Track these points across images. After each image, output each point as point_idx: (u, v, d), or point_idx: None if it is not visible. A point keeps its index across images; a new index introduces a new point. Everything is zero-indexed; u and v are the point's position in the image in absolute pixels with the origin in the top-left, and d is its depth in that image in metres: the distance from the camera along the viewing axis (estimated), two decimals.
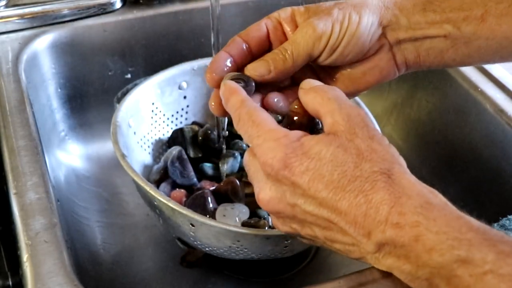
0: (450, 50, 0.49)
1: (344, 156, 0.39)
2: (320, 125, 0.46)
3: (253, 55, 0.50)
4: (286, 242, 0.54)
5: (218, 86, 0.49)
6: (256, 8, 0.85)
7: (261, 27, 0.50)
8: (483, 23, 0.47)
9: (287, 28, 0.49)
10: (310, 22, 0.47)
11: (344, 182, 0.38)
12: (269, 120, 0.43)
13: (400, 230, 0.37)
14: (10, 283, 0.51)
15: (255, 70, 0.48)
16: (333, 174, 0.39)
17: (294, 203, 0.41)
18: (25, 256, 0.47)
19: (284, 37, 0.49)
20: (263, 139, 0.41)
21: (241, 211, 0.60)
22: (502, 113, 0.67)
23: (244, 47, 0.49)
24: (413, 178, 0.40)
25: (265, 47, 0.50)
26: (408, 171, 0.40)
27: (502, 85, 0.70)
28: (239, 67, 0.49)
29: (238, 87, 0.46)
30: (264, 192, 0.42)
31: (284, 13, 0.49)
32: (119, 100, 0.65)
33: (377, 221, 0.37)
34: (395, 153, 0.41)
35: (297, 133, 0.41)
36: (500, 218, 0.57)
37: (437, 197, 0.38)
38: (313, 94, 0.44)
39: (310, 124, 0.47)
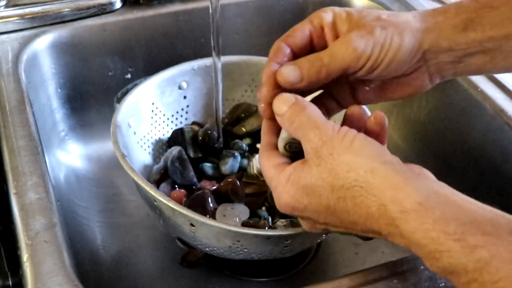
0: (488, 65, 0.49)
1: (320, 183, 0.41)
2: None
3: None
4: (286, 242, 0.54)
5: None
6: (256, 8, 0.85)
7: (304, 32, 0.49)
8: None
9: (328, 34, 0.48)
10: (351, 40, 0.46)
11: (333, 207, 0.41)
12: (269, 165, 0.46)
13: (395, 238, 0.39)
14: (10, 283, 0.51)
15: (287, 76, 0.47)
16: (322, 203, 0.42)
17: (321, 227, 0.45)
18: (25, 256, 0.47)
19: (325, 42, 0.49)
20: (275, 185, 0.45)
21: (241, 211, 0.60)
22: (502, 113, 0.67)
23: (290, 54, 0.49)
24: (383, 176, 0.39)
25: (307, 52, 0.49)
26: (380, 167, 0.40)
27: (502, 85, 0.70)
28: None
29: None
30: (302, 224, 0.47)
31: (326, 18, 0.48)
32: (119, 100, 0.65)
33: (377, 231, 0.40)
34: (361, 152, 0.41)
35: (286, 172, 0.44)
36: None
37: (410, 197, 0.38)
38: (287, 126, 0.45)
39: None
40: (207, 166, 0.67)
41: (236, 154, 0.67)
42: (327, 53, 0.47)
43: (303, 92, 0.48)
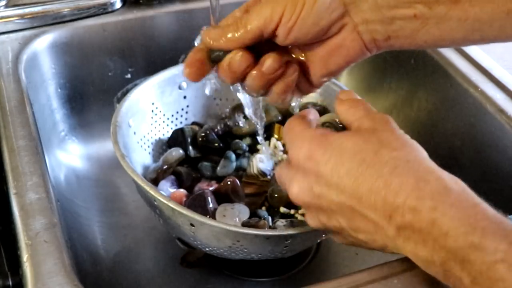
0: (421, 31, 0.47)
1: (364, 145, 0.41)
2: None
3: None
4: (286, 242, 0.54)
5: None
6: None
7: None
8: (456, 3, 0.46)
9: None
10: (268, 2, 0.46)
11: (363, 168, 0.40)
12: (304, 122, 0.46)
13: (417, 214, 0.38)
14: (10, 283, 0.51)
15: (209, 36, 0.48)
16: (353, 161, 0.40)
17: (320, 193, 0.42)
18: (25, 256, 0.47)
19: None
20: (292, 137, 0.44)
21: (241, 211, 0.60)
22: (502, 113, 0.67)
23: None
24: (432, 164, 0.41)
25: None
26: (427, 157, 0.42)
27: (502, 85, 0.70)
28: None
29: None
30: (293, 185, 0.44)
31: None
32: (119, 100, 0.65)
33: (396, 205, 0.38)
34: (414, 143, 0.42)
35: (323, 129, 0.44)
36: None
37: (457, 183, 0.39)
38: (347, 106, 0.46)
39: None
40: (207, 166, 0.67)
41: (228, 155, 0.67)
42: (246, 14, 0.47)
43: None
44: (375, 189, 0.39)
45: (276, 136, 0.69)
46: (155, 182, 0.65)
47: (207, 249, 0.58)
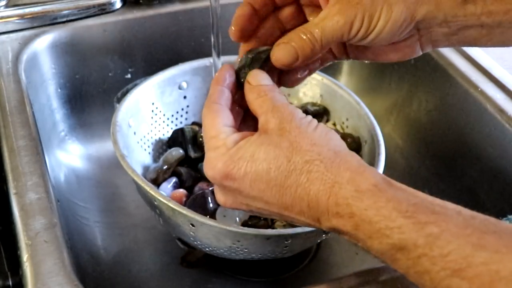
0: (484, 38, 0.48)
1: (275, 152, 0.40)
2: None
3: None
4: (286, 242, 0.54)
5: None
6: None
7: None
8: None
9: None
10: (341, 11, 0.45)
11: (281, 179, 0.40)
12: (215, 122, 0.44)
13: (341, 219, 0.38)
14: (10, 283, 0.51)
15: (282, 59, 0.46)
16: (270, 172, 0.40)
17: (246, 203, 0.43)
18: (25, 256, 0.47)
19: None
20: (207, 149, 0.43)
21: (242, 212, 0.60)
22: (502, 113, 0.67)
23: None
24: (344, 159, 0.40)
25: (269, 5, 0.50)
26: (339, 145, 0.41)
27: (502, 85, 0.70)
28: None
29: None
30: (220, 198, 0.45)
31: None
32: (119, 100, 0.65)
33: (321, 211, 0.39)
34: (325, 135, 0.42)
35: (235, 137, 0.43)
36: (500, 218, 0.57)
37: (367, 180, 0.38)
38: (255, 95, 0.45)
39: None
40: None
41: None
42: (317, 26, 0.46)
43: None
44: (298, 198, 0.40)
45: None
46: (155, 182, 0.65)
47: (207, 249, 0.57)
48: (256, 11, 0.50)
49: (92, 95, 0.80)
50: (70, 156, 0.79)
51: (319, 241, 0.67)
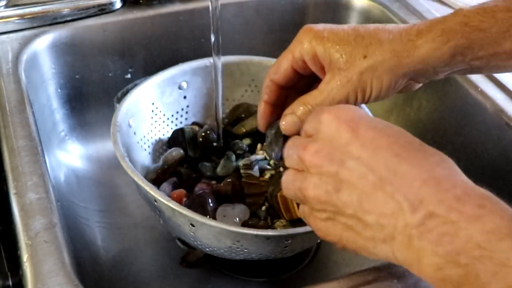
0: (475, 71, 0.53)
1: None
2: None
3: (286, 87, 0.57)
4: (286, 242, 0.54)
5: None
6: (256, 8, 0.85)
7: (287, 69, 0.54)
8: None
9: (312, 67, 0.53)
10: (334, 91, 0.51)
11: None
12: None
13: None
14: (10, 283, 0.51)
15: (290, 129, 0.54)
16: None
17: (342, 159, 0.41)
18: (25, 256, 0.47)
19: (310, 70, 0.54)
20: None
21: (242, 212, 0.60)
22: (502, 113, 0.67)
23: (277, 89, 0.56)
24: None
25: (293, 79, 0.55)
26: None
27: (502, 85, 0.70)
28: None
29: None
30: (312, 146, 0.44)
31: (306, 55, 0.52)
32: (119, 100, 0.65)
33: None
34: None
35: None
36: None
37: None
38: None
39: None
40: (207, 166, 0.67)
41: (228, 155, 0.67)
42: (317, 100, 0.52)
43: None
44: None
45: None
46: (155, 182, 0.64)
47: (207, 249, 0.57)
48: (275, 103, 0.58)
49: (92, 95, 0.80)
50: (70, 156, 0.79)
51: (319, 241, 0.67)
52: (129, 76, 0.81)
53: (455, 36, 0.49)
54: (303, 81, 0.56)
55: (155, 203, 0.55)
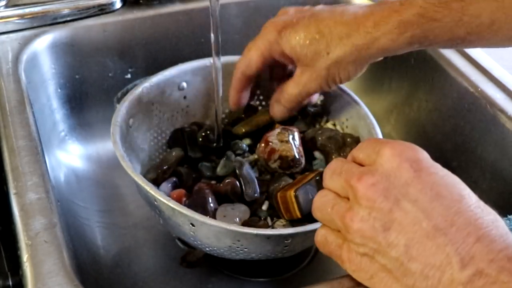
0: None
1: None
2: None
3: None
4: (286, 241, 0.54)
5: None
6: (256, 8, 0.85)
7: (257, 63, 0.61)
8: None
9: (282, 61, 0.60)
10: (309, 82, 0.58)
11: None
12: None
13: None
14: (10, 283, 0.51)
15: (278, 115, 0.65)
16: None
17: (398, 198, 0.40)
18: (25, 256, 0.47)
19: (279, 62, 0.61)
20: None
21: (242, 211, 0.60)
22: (502, 113, 0.67)
23: (248, 79, 0.64)
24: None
25: (263, 70, 0.63)
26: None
27: (502, 85, 0.70)
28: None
29: None
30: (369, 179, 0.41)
31: (275, 52, 0.59)
32: (119, 100, 0.65)
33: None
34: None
35: None
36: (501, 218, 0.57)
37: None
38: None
39: None
40: (206, 166, 0.67)
41: (228, 155, 0.67)
42: (295, 89, 0.60)
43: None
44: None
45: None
46: (155, 182, 0.64)
47: (207, 249, 0.57)
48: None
49: (92, 95, 0.80)
50: (70, 156, 0.79)
51: None
52: (129, 76, 0.81)
53: (411, 27, 0.51)
54: (272, 69, 0.63)
55: (155, 203, 0.55)
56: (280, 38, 0.57)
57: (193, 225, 0.54)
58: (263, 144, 0.62)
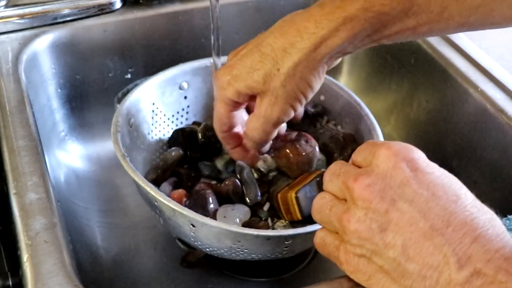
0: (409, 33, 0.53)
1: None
2: None
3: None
4: (286, 242, 0.54)
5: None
6: (256, 8, 0.85)
7: (229, 117, 0.58)
8: None
9: (245, 101, 0.56)
10: (270, 109, 0.53)
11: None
12: None
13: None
14: (10, 283, 0.51)
15: (249, 145, 0.59)
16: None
17: (394, 199, 0.39)
18: (25, 256, 0.47)
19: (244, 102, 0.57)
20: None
21: (242, 212, 0.60)
22: (502, 113, 0.67)
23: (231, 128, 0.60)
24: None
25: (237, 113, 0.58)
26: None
27: (502, 85, 0.70)
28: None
29: None
30: (365, 180, 0.41)
31: (234, 97, 0.55)
32: (119, 100, 0.65)
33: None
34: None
35: None
36: (500, 218, 0.57)
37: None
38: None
39: None
40: (207, 166, 0.67)
41: (229, 155, 0.66)
42: (257, 123, 0.55)
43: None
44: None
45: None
46: (155, 182, 0.64)
47: (207, 249, 0.57)
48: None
49: (92, 95, 0.80)
50: (70, 156, 0.79)
51: None
52: (129, 76, 0.81)
53: (358, 22, 0.49)
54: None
55: (156, 203, 0.55)
56: (232, 80, 0.53)
57: (193, 225, 0.54)
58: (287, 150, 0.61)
